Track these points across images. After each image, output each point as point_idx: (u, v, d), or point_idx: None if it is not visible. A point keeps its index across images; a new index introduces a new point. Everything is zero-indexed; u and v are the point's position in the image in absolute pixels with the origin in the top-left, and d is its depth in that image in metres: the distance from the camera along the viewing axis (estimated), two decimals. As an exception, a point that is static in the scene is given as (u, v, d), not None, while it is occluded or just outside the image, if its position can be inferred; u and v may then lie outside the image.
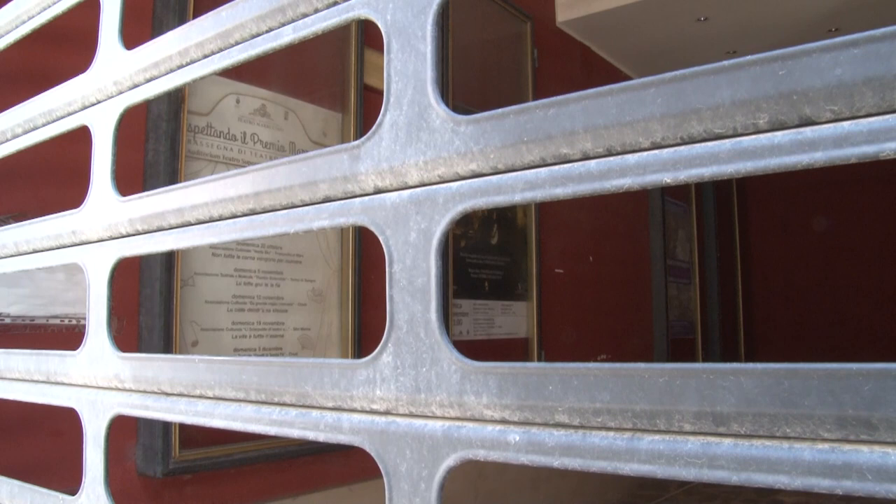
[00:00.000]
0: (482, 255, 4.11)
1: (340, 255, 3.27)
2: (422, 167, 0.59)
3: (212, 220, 0.74)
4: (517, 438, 0.51)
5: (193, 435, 2.50)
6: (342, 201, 0.64)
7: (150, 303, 2.49)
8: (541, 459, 0.50)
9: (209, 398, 0.74)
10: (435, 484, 0.54)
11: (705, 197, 7.10)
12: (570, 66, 5.03)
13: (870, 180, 6.81)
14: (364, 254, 3.24)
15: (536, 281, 4.42)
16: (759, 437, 0.43)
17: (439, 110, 0.59)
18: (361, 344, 3.19)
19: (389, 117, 0.62)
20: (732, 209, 7.74)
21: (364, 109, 3.22)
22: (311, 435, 0.63)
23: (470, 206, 0.55)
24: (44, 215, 1.01)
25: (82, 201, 0.93)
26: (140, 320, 2.50)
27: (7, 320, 2.20)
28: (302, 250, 3.11)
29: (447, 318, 3.50)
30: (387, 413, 0.60)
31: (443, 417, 0.56)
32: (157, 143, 2.54)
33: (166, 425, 2.40)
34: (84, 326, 0.92)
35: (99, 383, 0.88)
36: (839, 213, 7.14)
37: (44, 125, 1.02)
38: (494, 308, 4.19)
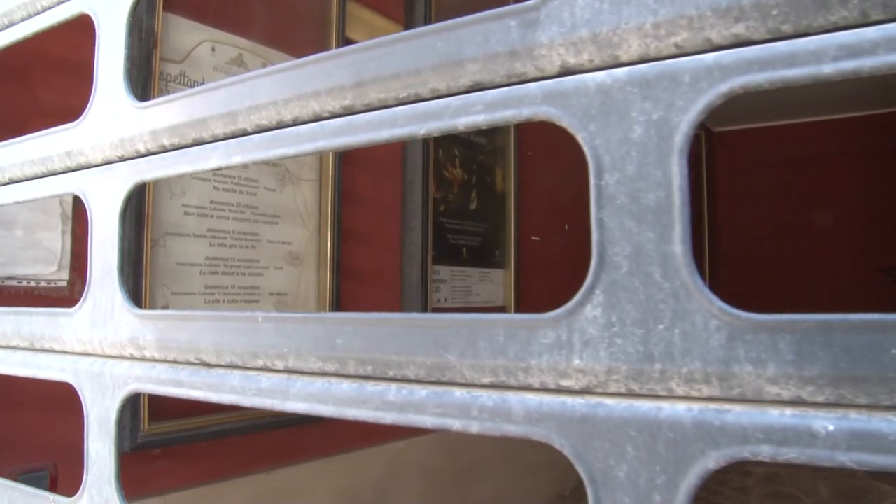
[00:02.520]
0: (461, 221, 3.98)
1: (318, 215, 3.09)
2: (648, 33, 0.38)
3: (281, 125, 0.53)
4: (830, 428, 0.33)
5: (164, 406, 2.32)
6: (505, 88, 0.44)
7: (116, 264, 2.28)
8: (877, 461, 0.32)
9: (279, 371, 0.54)
10: (681, 496, 0.36)
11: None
12: None
13: (837, 156, 6.87)
14: (344, 215, 3.05)
15: (514, 248, 4.34)
16: None
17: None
18: (341, 311, 3.03)
19: (586, -38, 0.41)
20: (702, 185, 7.75)
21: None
22: (456, 425, 0.42)
23: (741, 83, 0.35)
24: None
25: (81, 112, 0.70)
26: (105, 283, 2.28)
27: (-45, 283, 1.96)
28: (279, 210, 2.94)
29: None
30: (586, 392, 0.40)
31: (688, 398, 0.37)
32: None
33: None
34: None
35: (105, 350, 0.66)
36: (802, 190, 7.20)
37: (44, 10, 0.78)
38: (472, 275, 4.11)
